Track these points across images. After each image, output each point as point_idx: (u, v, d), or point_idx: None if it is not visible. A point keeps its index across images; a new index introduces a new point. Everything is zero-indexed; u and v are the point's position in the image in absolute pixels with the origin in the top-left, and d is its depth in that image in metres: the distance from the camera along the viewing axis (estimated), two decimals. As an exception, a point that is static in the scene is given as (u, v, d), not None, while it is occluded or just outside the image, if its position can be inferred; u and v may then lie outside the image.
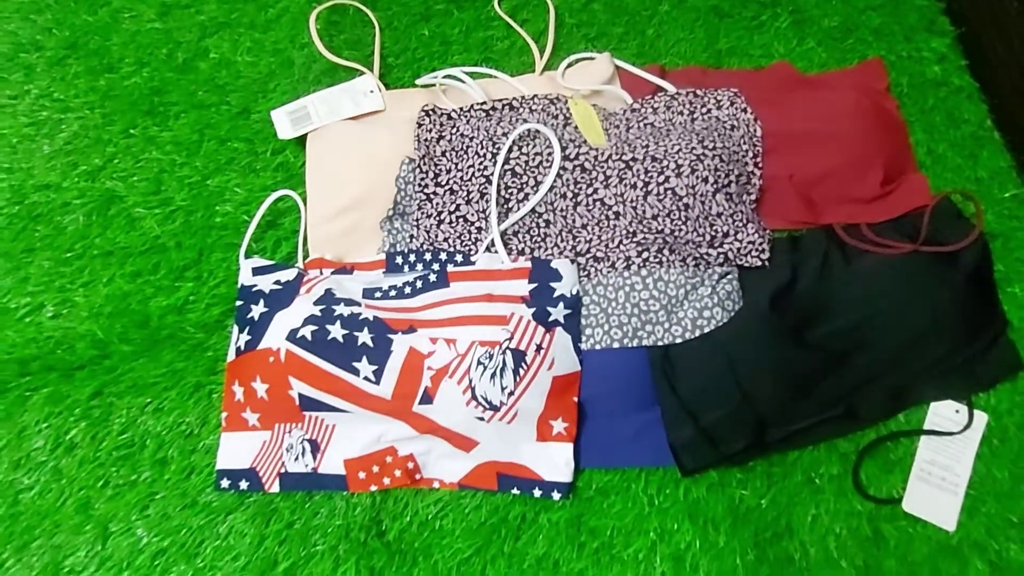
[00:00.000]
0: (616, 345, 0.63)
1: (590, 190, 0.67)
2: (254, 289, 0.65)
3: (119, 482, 0.64)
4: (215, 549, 0.62)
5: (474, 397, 0.58)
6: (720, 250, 0.65)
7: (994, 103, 0.76)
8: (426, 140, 0.70)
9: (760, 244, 0.65)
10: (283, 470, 0.62)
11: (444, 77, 0.75)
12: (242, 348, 0.63)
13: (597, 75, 0.76)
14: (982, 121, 0.76)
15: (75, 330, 0.68)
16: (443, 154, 0.69)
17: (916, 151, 0.75)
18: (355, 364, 0.59)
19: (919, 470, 0.63)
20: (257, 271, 0.67)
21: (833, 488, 0.63)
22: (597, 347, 0.63)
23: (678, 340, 0.63)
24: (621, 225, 0.66)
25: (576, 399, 0.62)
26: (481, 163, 0.67)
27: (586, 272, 0.65)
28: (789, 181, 0.70)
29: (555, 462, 0.62)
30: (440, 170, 0.69)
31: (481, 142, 0.68)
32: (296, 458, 0.62)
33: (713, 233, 0.65)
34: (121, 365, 0.67)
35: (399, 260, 0.66)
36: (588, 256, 0.66)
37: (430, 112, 0.71)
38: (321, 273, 0.67)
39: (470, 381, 0.58)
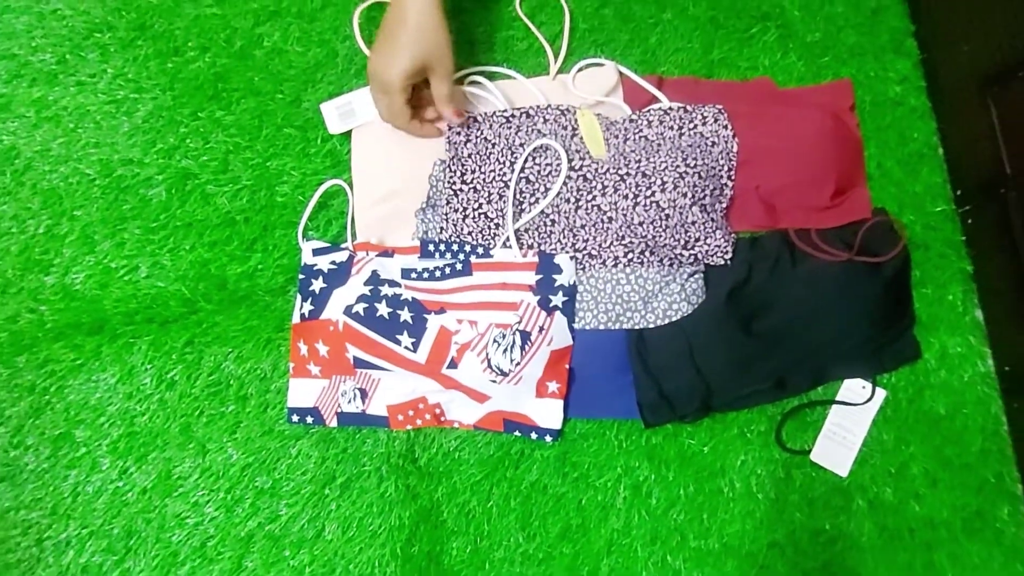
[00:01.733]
0: (602, 327, 0.80)
1: (590, 196, 0.81)
2: (315, 268, 0.81)
3: (211, 412, 0.82)
4: (288, 465, 0.81)
5: (489, 366, 0.76)
6: (691, 251, 0.80)
7: (940, 126, 0.88)
8: (455, 142, 0.83)
9: (724, 247, 0.81)
10: (339, 410, 0.81)
11: (468, 81, 0.87)
12: (306, 315, 0.80)
13: (603, 82, 0.88)
14: (928, 139, 0.89)
15: (166, 289, 0.84)
16: (469, 156, 0.83)
17: (868, 163, 0.88)
18: (398, 336, 0.76)
19: (827, 430, 0.82)
20: (316, 252, 0.82)
21: (759, 441, 0.82)
22: (587, 327, 0.80)
23: (651, 326, 0.80)
24: (612, 228, 0.80)
25: (568, 366, 0.80)
26: (500, 169, 0.81)
27: (582, 266, 0.81)
28: (755, 191, 0.84)
29: (549, 414, 0.80)
30: (466, 170, 0.82)
31: (501, 150, 0.81)
32: (349, 401, 0.81)
33: (687, 238, 0.80)
34: (206, 320, 0.84)
35: (431, 248, 0.82)
36: (584, 252, 0.81)
37: None
38: (367, 255, 0.82)
39: (487, 354, 0.76)
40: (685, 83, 0.89)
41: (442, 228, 0.82)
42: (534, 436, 0.80)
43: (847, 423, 0.82)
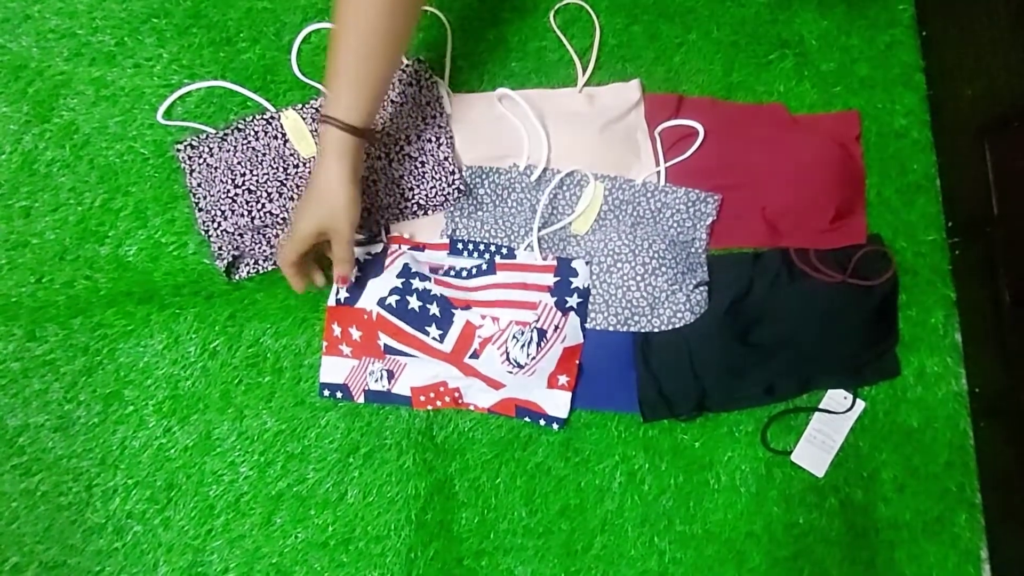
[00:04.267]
0: (611, 328, 0.88)
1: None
2: (351, 257, 0.88)
3: (249, 381, 0.90)
4: (317, 434, 0.89)
5: (508, 359, 0.83)
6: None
7: (939, 160, 0.94)
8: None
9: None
10: (367, 388, 0.88)
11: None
12: (341, 300, 0.87)
13: (627, 96, 0.93)
14: (927, 171, 0.95)
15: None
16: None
17: (868, 191, 0.94)
18: (426, 328, 0.83)
19: (808, 434, 0.90)
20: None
21: (746, 440, 0.90)
22: (598, 328, 0.88)
23: (656, 330, 0.87)
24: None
25: (577, 362, 0.88)
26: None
27: (596, 273, 0.88)
28: (761, 212, 0.91)
29: (557, 404, 0.88)
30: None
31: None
32: (376, 380, 0.88)
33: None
34: (248, 297, 0.91)
35: (460, 246, 0.88)
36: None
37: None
38: (399, 248, 0.89)
39: (506, 349, 0.83)
40: (703, 103, 0.95)
41: (471, 229, 0.89)
42: (542, 422, 0.88)
43: (827, 429, 0.90)
